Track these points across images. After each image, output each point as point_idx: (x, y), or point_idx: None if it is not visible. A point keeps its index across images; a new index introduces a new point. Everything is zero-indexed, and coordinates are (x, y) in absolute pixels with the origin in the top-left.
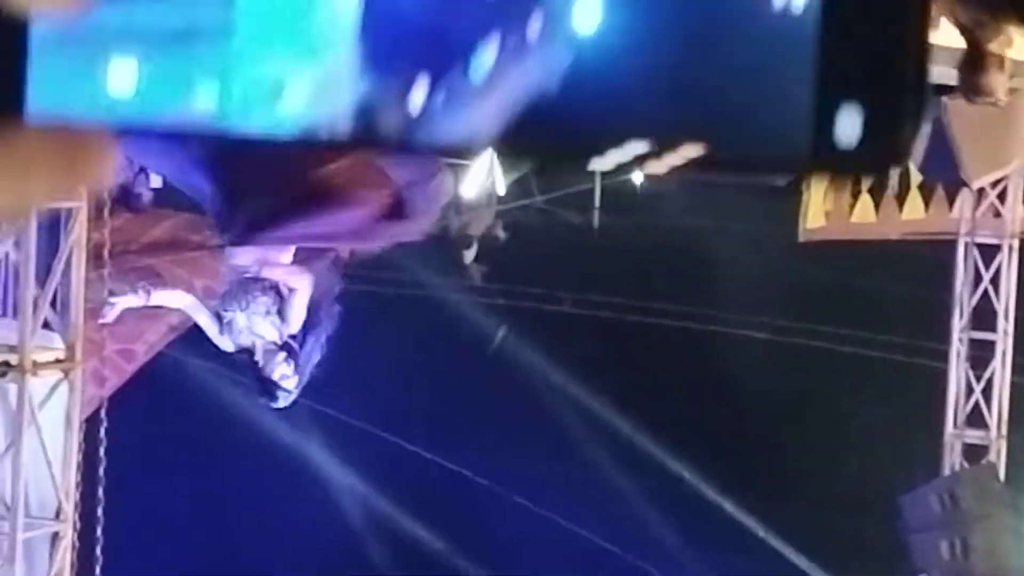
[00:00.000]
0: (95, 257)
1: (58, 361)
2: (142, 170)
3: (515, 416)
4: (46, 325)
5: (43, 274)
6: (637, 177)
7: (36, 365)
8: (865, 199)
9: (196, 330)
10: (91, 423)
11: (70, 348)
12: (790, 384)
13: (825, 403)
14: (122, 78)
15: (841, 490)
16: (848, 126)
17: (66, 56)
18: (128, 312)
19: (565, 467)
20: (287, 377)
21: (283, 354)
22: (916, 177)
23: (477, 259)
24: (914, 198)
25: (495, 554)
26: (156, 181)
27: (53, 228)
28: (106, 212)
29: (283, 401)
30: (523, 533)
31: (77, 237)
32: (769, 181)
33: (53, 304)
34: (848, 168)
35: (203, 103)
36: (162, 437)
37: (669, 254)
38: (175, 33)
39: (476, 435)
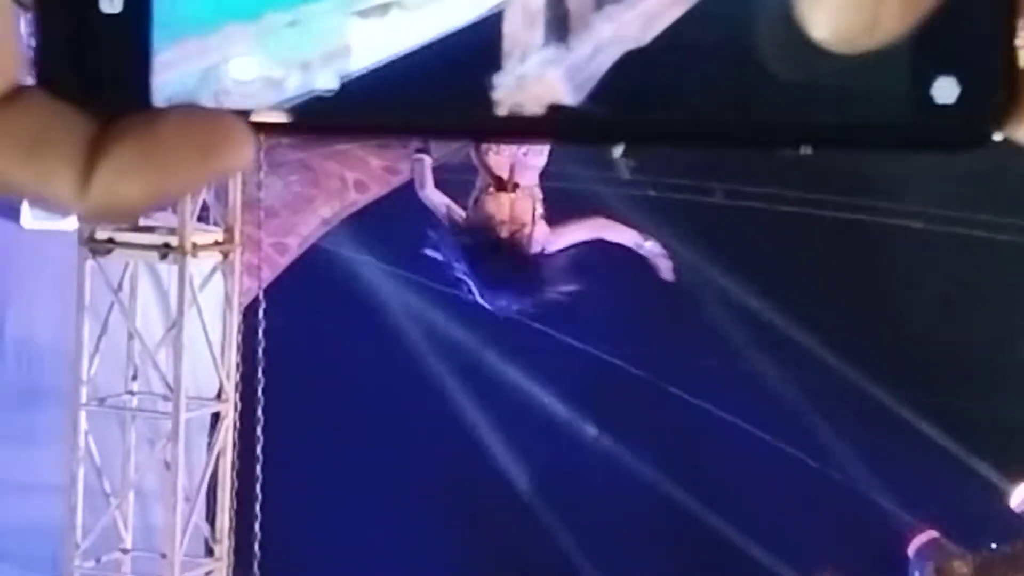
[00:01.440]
0: None
1: (217, 243)
2: None
3: (667, 308)
4: (204, 210)
5: None
6: None
7: (196, 247)
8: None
9: (347, 223)
10: (247, 315)
11: (228, 230)
12: (946, 274)
13: (982, 293)
14: (245, 65)
15: (999, 381)
16: (944, 96)
17: (190, 44)
18: (281, 205)
19: (718, 359)
20: None
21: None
22: None
23: (625, 153)
24: None
25: (652, 444)
26: None
27: None
28: None
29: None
30: (679, 423)
31: None
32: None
33: (210, 186)
34: (945, 139)
35: (324, 84)
36: (317, 328)
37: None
38: (294, 21)
39: (628, 327)
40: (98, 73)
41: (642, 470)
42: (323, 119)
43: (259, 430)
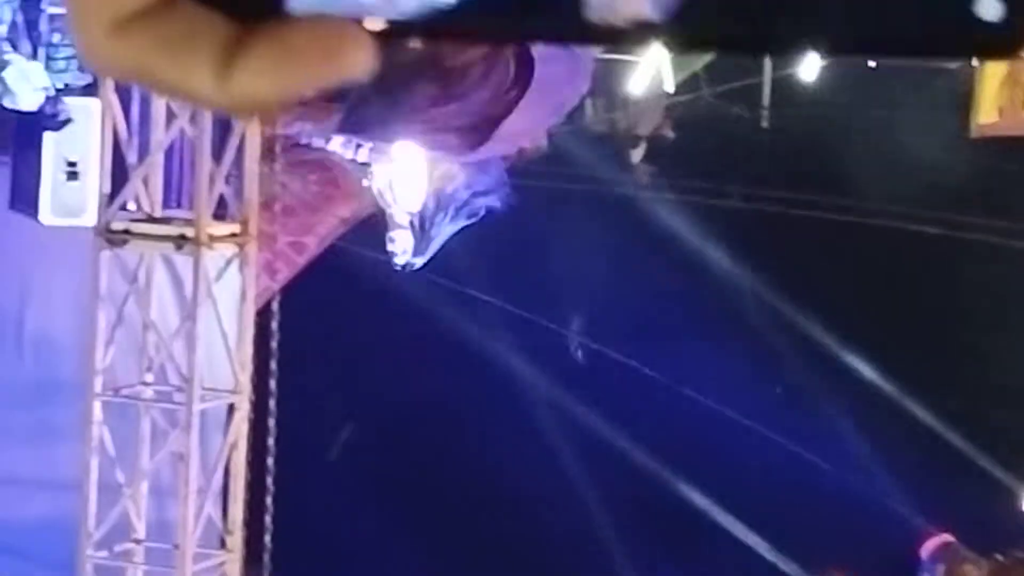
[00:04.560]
0: (266, 151)
1: (233, 235)
2: None
3: (681, 308)
4: (220, 200)
5: (218, 151)
6: (806, 72)
7: (212, 238)
8: None
9: (367, 223)
10: (263, 314)
11: (244, 223)
12: (962, 279)
13: (1001, 299)
14: None
15: (1017, 386)
16: (990, 5)
17: None
18: (300, 204)
19: (732, 361)
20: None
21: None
22: None
23: (645, 159)
24: None
25: (665, 445)
26: None
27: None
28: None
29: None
30: (693, 424)
31: None
32: (913, 61)
33: (227, 181)
34: (992, 47)
35: None
36: (333, 325)
37: (838, 148)
38: None
39: (642, 328)
40: None
41: (653, 469)
42: (435, 27)
43: (272, 423)
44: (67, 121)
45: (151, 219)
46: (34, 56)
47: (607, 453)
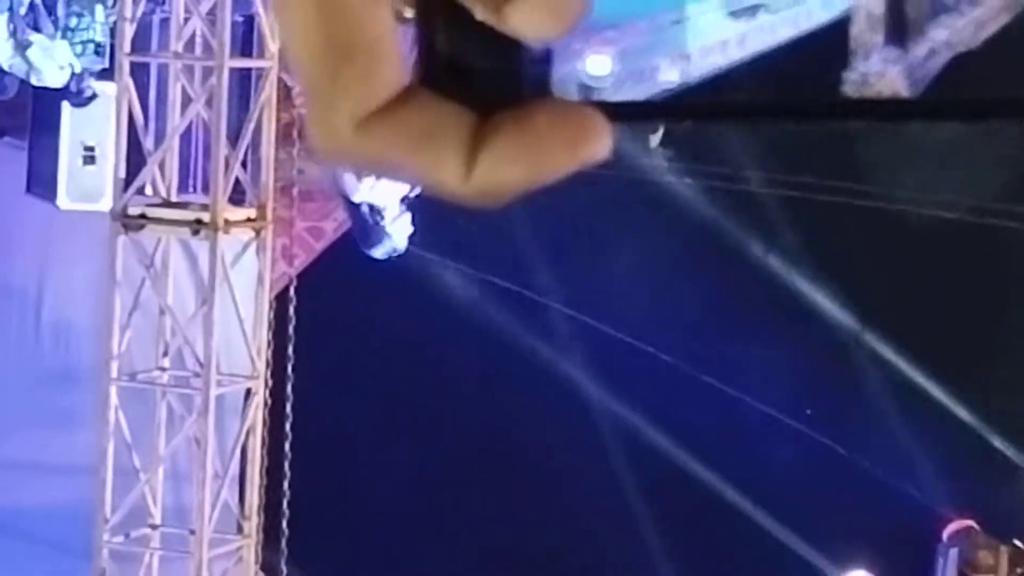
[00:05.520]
0: (284, 136)
1: (249, 220)
2: None
3: (699, 296)
4: (237, 185)
5: (234, 136)
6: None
7: (228, 223)
8: None
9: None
10: (280, 300)
11: (261, 207)
12: (990, 266)
13: (1018, 284)
14: (600, 61)
15: None
16: None
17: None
18: (318, 190)
19: (751, 347)
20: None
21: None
22: None
23: (663, 143)
24: None
25: (684, 433)
26: None
27: (243, 94)
28: (295, 91)
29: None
30: (712, 412)
31: (267, 97)
32: None
33: (244, 166)
34: None
35: (668, 78)
36: (350, 310)
37: (858, 132)
38: (679, 19)
39: (660, 315)
40: (474, 71)
41: (672, 457)
42: (678, 109)
43: (289, 409)
44: (93, 97)
45: (168, 204)
46: (53, 38)
47: (624, 436)
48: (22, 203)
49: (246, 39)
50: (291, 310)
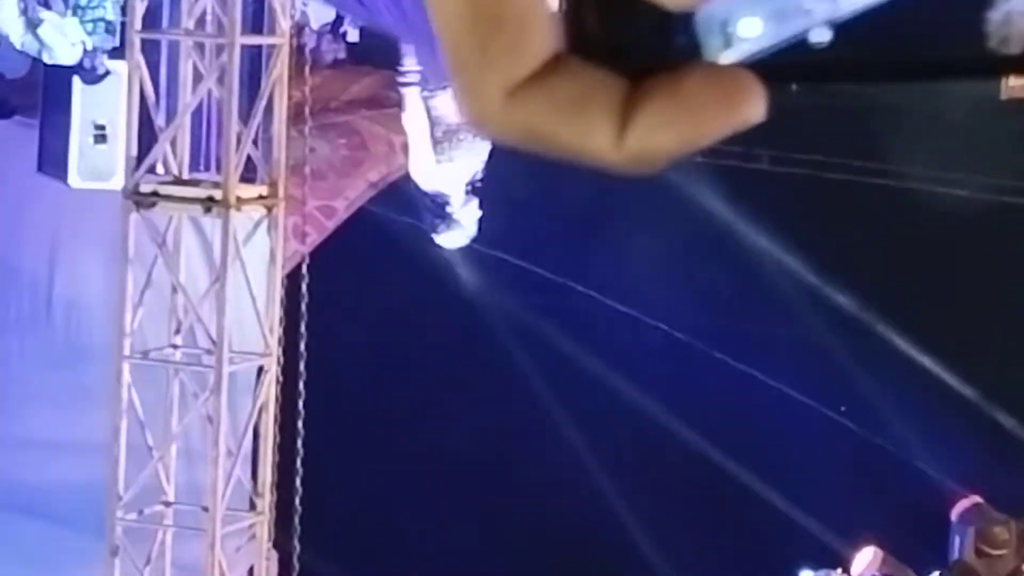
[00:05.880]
0: (295, 115)
1: (261, 197)
2: (334, 26)
3: (712, 273)
4: (249, 163)
5: (246, 113)
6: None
7: (240, 200)
8: None
9: (394, 186)
10: (292, 278)
11: (272, 185)
12: (994, 243)
13: None
14: (750, 23)
15: None
16: None
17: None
18: (329, 168)
19: (763, 324)
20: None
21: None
22: None
23: None
24: None
25: (696, 409)
26: (353, 35)
27: (255, 72)
28: (306, 70)
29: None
30: (723, 388)
31: (279, 75)
32: None
33: (256, 143)
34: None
35: (818, 36)
36: (362, 288)
37: (868, 111)
38: None
39: (672, 292)
40: (624, 36)
41: (685, 434)
42: (823, 68)
43: (302, 386)
44: (104, 75)
45: (179, 181)
46: (64, 15)
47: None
48: (34, 182)
49: (257, 16)
50: (303, 288)
